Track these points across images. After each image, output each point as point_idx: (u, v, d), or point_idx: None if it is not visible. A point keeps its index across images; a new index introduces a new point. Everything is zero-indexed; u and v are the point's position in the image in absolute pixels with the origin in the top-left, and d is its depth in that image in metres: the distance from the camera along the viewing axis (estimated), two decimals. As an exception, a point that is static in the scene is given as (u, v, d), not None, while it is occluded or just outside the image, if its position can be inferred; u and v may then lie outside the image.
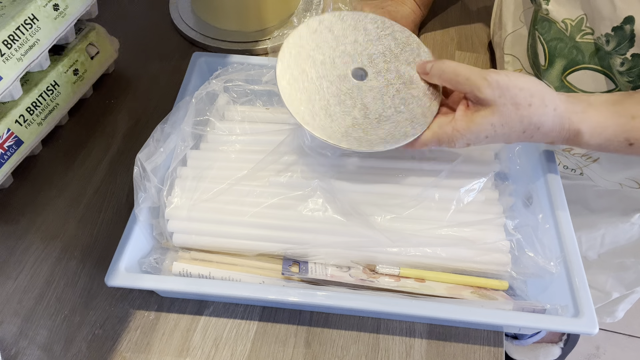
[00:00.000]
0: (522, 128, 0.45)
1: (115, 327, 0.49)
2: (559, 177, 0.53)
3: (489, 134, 0.46)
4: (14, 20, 0.51)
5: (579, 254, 0.48)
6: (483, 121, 0.45)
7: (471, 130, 0.46)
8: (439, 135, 0.47)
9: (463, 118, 0.46)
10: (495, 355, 0.48)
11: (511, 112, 0.45)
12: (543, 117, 0.45)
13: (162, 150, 0.52)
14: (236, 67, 0.60)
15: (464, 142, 0.47)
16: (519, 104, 0.45)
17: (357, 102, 0.49)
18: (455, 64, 0.47)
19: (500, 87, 0.44)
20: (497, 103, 0.45)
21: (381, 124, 0.49)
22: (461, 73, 0.46)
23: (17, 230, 0.55)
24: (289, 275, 0.48)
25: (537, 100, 0.45)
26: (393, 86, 0.50)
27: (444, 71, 0.47)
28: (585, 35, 0.54)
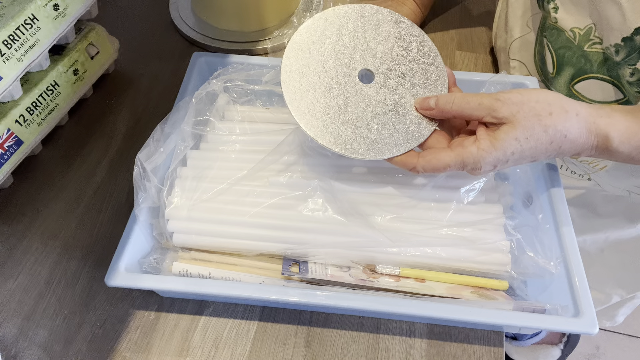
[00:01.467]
0: (549, 139, 0.44)
1: (115, 327, 0.49)
2: (559, 177, 0.53)
3: (515, 149, 0.44)
4: (14, 20, 0.51)
5: (579, 254, 0.48)
6: (506, 137, 0.44)
7: (496, 147, 0.44)
8: (464, 156, 0.45)
9: (486, 137, 0.44)
10: (495, 355, 0.48)
11: (534, 124, 0.43)
12: (567, 123, 0.44)
13: (162, 150, 0.52)
14: (236, 67, 0.60)
15: (491, 163, 0.44)
16: (540, 115, 0.43)
17: (342, 96, 0.49)
18: (461, 93, 0.47)
19: (515, 104, 0.44)
20: (517, 117, 0.43)
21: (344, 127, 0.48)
22: (472, 100, 0.45)
23: (17, 230, 0.55)
24: (289, 275, 0.48)
25: (556, 108, 0.44)
26: (384, 106, 0.49)
27: (454, 102, 0.46)
28: (593, 44, 0.54)
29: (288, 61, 0.49)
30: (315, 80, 0.49)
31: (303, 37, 0.50)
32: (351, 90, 0.49)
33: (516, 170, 0.56)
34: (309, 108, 0.48)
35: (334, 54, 0.50)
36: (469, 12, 0.82)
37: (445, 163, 0.45)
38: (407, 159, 0.47)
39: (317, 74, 0.49)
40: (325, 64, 0.50)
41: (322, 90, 0.49)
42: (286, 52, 0.49)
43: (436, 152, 0.46)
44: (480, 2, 0.83)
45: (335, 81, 0.49)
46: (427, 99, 0.48)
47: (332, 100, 0.49)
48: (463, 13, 0.81)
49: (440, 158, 0.45)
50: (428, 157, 0.46)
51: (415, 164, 0.46)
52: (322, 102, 0.49)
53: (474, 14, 0.81)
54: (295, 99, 0.48)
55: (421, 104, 0.49)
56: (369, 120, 0.49)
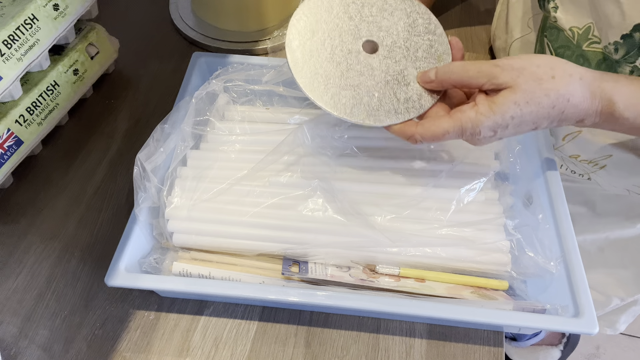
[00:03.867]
0: (551, 102, 0.42)
1: (115, 327, 0.49)
2: (559, 177, 0.53)
3: (515, 113, 0.42)
4: (14, 20, 0.51)
5: (579, 254, 0.48)
6: (505, 100, 0.42)
7: (494, 111, 0.43)
8: (462, 121, 0.44)
9: (484, 102, 0.44)
10: (495, 355, 0.48)
11: (534, 88, 0.42)
12: (570, 87, 0.42)
13: (162, 150, 0.52)
14: (236, 67, 0.60)
15: (490, 128, 0.43)
16: (541, 79, 0.42)
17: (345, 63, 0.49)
18: (460, 62, 0.46)
19: (515, 69, 0.43)
20: (517, 82, 0.42)
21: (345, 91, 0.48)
22: (471, 68, 0.44)
23: (17, 230, 0.55)
24: (289, 275, 0.48)
25: (559, 72, 0.43)
26: (386, 75, 0.49)
27: (452, 71, 0.46)
28: (592, 44, 0.54)
29: (293, 28, 0.50)
30: (320, 47, 0.49)
31: (310, 5, 0.50)
32: (354, 59, 0.49)
33: (516, 170, 0.56)
34: (311, 71, 0.48)
35: (340, 23, 0.50)
36: (469, 12, 0.82)
37: (443, 129, 0.44)
38: (405, 127, 0.47)
39: (321, 41, 0.49)
40: (331, 31, 0.50)
41: (325, 56, 0.49)
42: (293, 17, 0.50)
43: (434, 119, 0.46)
44: (480, 2, 0.83)
45: (339, 49, 0.49)
46: (428, 71, 0.48)
47: (334, 65, 0.49)
48: (463, 13, 0.81)
49: (438, 124, 0.45)
50: (426, 124, 0.45)
51: (414, 131, 0.46)
52: (324, 66, 0.49)
53: (474, 14, 0.81)
54: (298, 62, 0.49)
55: (422, 77, 0.48)
56: (370, 87, 0.48)
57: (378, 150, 0.56)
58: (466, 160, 0.54)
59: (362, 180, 0.53)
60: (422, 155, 0.55)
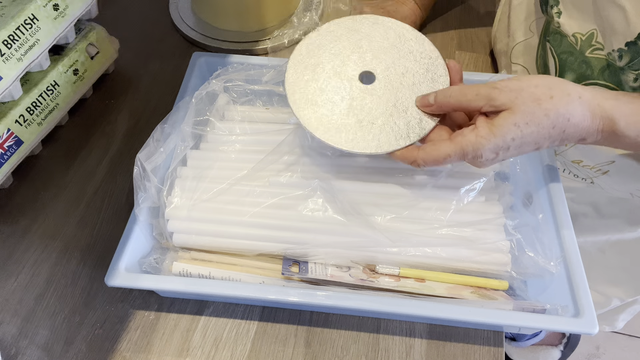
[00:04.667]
0: (551, 122, 0.43)
1: (115, 327, 0.49)
2: (559, 177, 0.53)
3: (515, 135, 0.43)
4: (14, 20, 0.51)
5: (579, 254, 0.48)
6: (505, 122, 0.43)
7: (495, 133, 0.43)
8: (463, 144, 0.44)
9: (484, 125, 0.44)
10: (495, 355, 0.48)
11: (534, 109, 0.42)
12: (569, 106, 0.42)
13: (162, 150, 0.52)
14: (236, 67, 0.60)
15: (491, 150, 0.44)
16: (539, 99, 0.42)
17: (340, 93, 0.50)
18: (458, 85, 0.46)
19: (513, 90, 0.43)
20: (516, 103, 0.43)
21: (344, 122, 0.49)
22: (468, 91, 0.45)
23: (17, 230, 0.55)
24: (289, 275, 0.48)
25: (557, 91, 0.43)
26: (386, 103, 0.50)
27: (450, 95, 0.46)
28: (595, 50, 0.54)
29: (293, 65, 0.51)
30: (319, 83, 0.50)
31: (308, 43, 0.52)
32: (353, 91, 0.50)
33: (516, 170, 0.56)
34: (312, 109, 0.49)
35: (338, 59, 0.51)
36: (469, 13, 0.82)
37: (445, 153, 0.45)
38: (407, 152, 0.47)
39: (320, 77, 0.51)
40: (328, 68, 0.51)
41: (325, 92, 0.50)
42: (292, 56, 0.51)
43: (436, 144, 0.46)
44: (480, 3, 0.83)
45: (338, 83, 0.50)
46: (427, 96, 0.48)
47: (334, 100, 0.50)
48: (463, 13, 0.81)
49: (439, 149, 0.45)
50: (428, 149, 0.46)
51: (416, 157, 0.46)
52: (324, 102, 0.50)
53: (474, 15, 0.81)
54: (298, 101, 0.50)
55: (421, 101, 0.49)
56: (370, 118, 0.49)
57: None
58: (466, 160, 0.54)
59: (362, 180, 0.53)
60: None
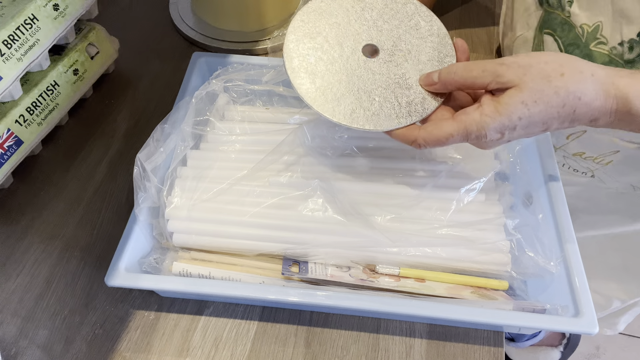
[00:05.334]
0: (561, 101, 0.40)
1: (115, 327, 0.49)
2: (559, 177, 0.53)
3: (522, 113, 0.40)
4: (14, 20, 0.51)
5: (579, 254, 0.48)
6: (511, 100, 0.40)
7: (500, 112, 0.41)
8: (467, 123, 0.42)
9: (489, 102, 0.42)
10: (495, 355, 0.48)
11: (543, 86, 0.40)
12: (581, 85, 0.40)
13: (162, 150, 0.52)
14: (236, 67, 0.60)
15: (496, 130, 0.41)
16: (549, 76, 0.40)
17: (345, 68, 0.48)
18: (463, 62, 0.44)
19: (522, 66, 0.41)
20: (524, 80, 0.40)
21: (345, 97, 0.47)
22: (474, 67, 0.43)
23: (17, 230, 0.55)
24: (289, 275, 0.48)
25: (569, 69, 0.40)
26: (387, 79, 0.48)
27: (455, 72, 0.44)
28: (598, 44, 0.53)
29: (293, 30, 0.49)
30: (319, 52, 0.48)
31: (311, 9, 0.50)
32: (354, 64, 0.48)
33: (516, 170, 0.56)
34: (310, 78, 0.48)
35: (340, 28, 0.49)
36: (469, 12, 0.82)
37: (447, 133, 0.43)
38: (407, 131, 0.45)
39: (320, 46, 0.49)
40: (329, 36, 0.49)
41: (324, 62, 0.48)
42: (293, 21, 0.49)
43: (437, 123, 0.44)
44: (481, 3, 0.83)
45: (338, 54, 0.48)
46: (431, 74, 0.46)
47: (334, 71, 0.48)
48: (463, 13, 0.81)
49: (441, 128, 0.43)
50: (429, 128, 0.44)
51: (416, 136, 0.44)
52: (323, 72, 0.48)
53: (474, 14, 0.81)
54: (297, 69, 0.48)
55: (425, 80, 0.47)
56: (370, 92, 0.47)
57: (378, 150, 0.56)
58: (466, 160, 0.54)
59: (362, 180, 0.53)
60: (422, 156, 0.55)
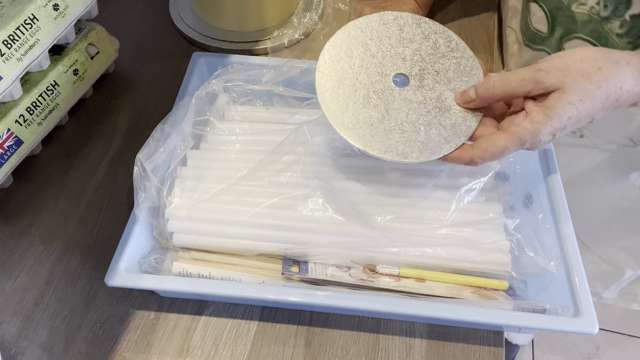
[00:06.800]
0: (604, 94, 0.42)
1: (115, 327, 0.49)
2: (559, 177, 0.53)
3: (572, 113, 0.42)
4: (14, 20, 0.51)
5: (579, 254, 0.48)
6: (559, 103, 0.42)
7: (550, 116, 0.42)
8: (520, 134, 0.43)
9: (537, 109, 0.43)
10: (495, 355, 0.48)
11: (585, 84, 0.42)
12: (620, 74, 0.42)
13: (162, 150, 0.52)
14: (236, 67, 0.60)
15: (549, 133, 0.43)
16: (589, 73, 0.42)
17: (382, 104, 0.48)
18: (499, 75, 0.45)
19: (560, 69, 0.43)
20: (566, 82, 0.42)
21: (391, 134, 0.47)
22: (512, 78, 0.44)
23: (17, 230, 0.55)
24: (289, 275, 0.48)
25: (604, 62, 0.43)
26: (426, 106, 0.48)
27: (494, 86, 0.45)
28: (579, 5, 0.56)
29: (321, 80, 0.49)
30: (352, 94, 0.48)
31: (330, 54, 0.50)
32: (389, 97, 0.49)
33: (516, 170, 0.56)
34: (352, 122, 0.47)
35: (365, 65, 0.50)
36: (469, 13, 0.82)
37: (502, 146, 0.44)
38: (461, 153, 0.46)
39: (352, 87, 0.49)
40: (358, 75, 0.49)
41: (361, 102, 0.48)
42: (317, 71, 0.49)
43: (490, 139, 0.45)
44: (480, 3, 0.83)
45: (372, 91, 0.49)
46: (466, 91, 0.47)
47: (373, 110, 0.48)
48: (463, 13, 0.81)
49: (495, 143, 0.44)
50: (483, 145, 0.45)
51: (472, 156, 0.45)
52: (363, 113, 0.48)
53: (474, 14, 0.81)
54: (337, 116, 0.48)
55: (462, 98, 0.48)
56: (414, 122, 0.48)
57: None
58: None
59: (362, 180, 0.53)
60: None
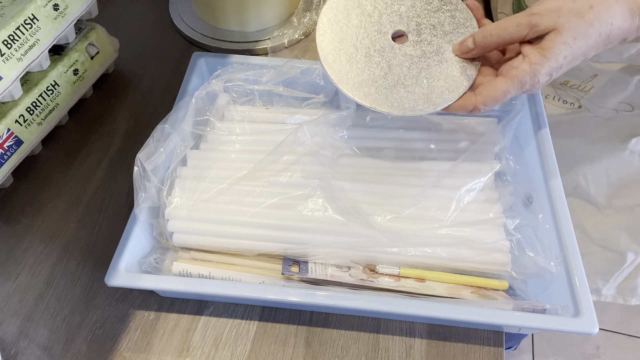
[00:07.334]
0: (596, 31, 0.44)
1: (115, 327, 0.49)
2: (559, 177, 0.53)
3: (567, 52, 0.44)
4: (14, 20, 0.51)
5: (579, 254, 0.48)
6: (554, 44, 0.44)
7: (548, 57, 0.44)
8: (519, 76, 0.45)
9: (533, 51, 0.45)
10: (495, 355, 0.48)
11: (578, 23, 0.44)
12: (610, 10, 0.44)
13: (162, 150, 0.52)
14: (236, 67, 0.60)
15: (547, 74, 0.45)
16: (581, 12, 0.44)
17: (384, 61, 0.50)
18: (495, 23, 0.47)
19: (553, 11, 0.44)
20: (559, 22, 0.44)
21: (396, 89, 0.49)
22: (508, 25, 0.45)
23: (17, 230, 0.55)
24: (289, 275, 0.48)
25: (595, 1, 0.44)
26: (426, 59, 0.50)
27: (490, 34, 0.46)
28: None
29: (322, 43, 0.50)
30: (354, 54, 0.50)
31: (328, 17, 0.51)
32: (390, 54, 0.50)
33: (516, 170, 0.56)
34: (357, 81, 0.49)
35: (363, 24, 0.51)
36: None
37: (504, 90, 0.45)
38: (464, 101, 0.48)
39: (353, 47, 0.50)
40: (358, 35, 0.51)
41: (363, 61, 0.50)
42: (317, 34, 0.51)
43: (491, 84, 0.46)
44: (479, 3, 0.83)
45: (372, 49, 0.50)
46: (464, 41, 0.49)
47: (375, 67, 0.50)
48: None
49: (496, 88, 0.46)
50: (484, 91, 0.46)
51: (474, 102, 0.47)
52: (367, 72, 0.50)
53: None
54: (342, 76, 0.49)
55: (460, 49, 0.49)
56: (416, 76, 0.49)
57: (378, 150, 0.56)
58: (466, 160, 0.54)
59: (362, 180, 0.53)
60: (423, 155, 0.55)
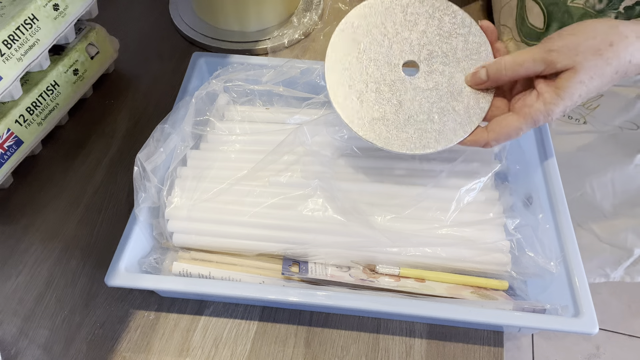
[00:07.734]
0: (613, 69, 0.43)
1: (115, 327, 0.49)
2: (559, 177, 0.53)
3: (582, 91, 0.44)
4: (14, 20, 0.51)
5: (579, 254, 0.48)
6: (570, 83, 0.43)
7: (563, 97, 0.43)
8: (533, 115, 0.44)
9: (548, 90, 0.44)
10: (495, 355, 0.48)
11: (596, 61, 0.43)
12: (630, 48, 0.43)
13: (162, 150, 0.52)
14: (236, 67, 0.60)
15: (561, 111, 0.44)
16: (600, 49, 0.43)
17: (394, 97, 0.48)
18: (509, 55, 0.46)
19: (572, 49, 0.43)
20: (577, 61, 0.43)
21: (407, 127, 0.47)
22: (524, 59, 0.44)
23: (17, 230, 0.55)
24: (289, 275, 0.48)
25: (615, 37, 0.43)
26: (438, 92, 0.48)
27: (505, 67, 0.45)
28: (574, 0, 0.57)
29: (331, 80, 0.48)
30: (364, 90, 0.48)
31: (338, 49, 0.49)
32: (401, 88, 0.48)
33: (516, 170, 0.56)
34: (368, 120, 0.47)
35: (372, 56, 0.48)
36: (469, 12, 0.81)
37: (516, 128, 0.45)
38: (476, 137, 0.47)
39: (364, 83, 0.48)
40: (367, 69, 0.48)
41: (373, 98, 0.48)
42: (326, 69, 0.48)
43: (503, 121, 0.46)
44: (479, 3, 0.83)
45: (383, 84, 0.48)
46: (476, 73, 0.47)
47: (386, 104, 0.48)
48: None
49: (509, 124, 0.45)
50: (497, 128, 0.46)
51: (487, 139, 0.46)
52: (377, 110, 0.48)
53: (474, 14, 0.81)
54: (353, 117, 0.48)
55: (473, 80, 0.48)
56: (427, 112, 0.47)
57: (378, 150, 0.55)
58: (466, 160, 0.54)
59: (362, 180, 0.53)
60: (423, 156, 0.55)
